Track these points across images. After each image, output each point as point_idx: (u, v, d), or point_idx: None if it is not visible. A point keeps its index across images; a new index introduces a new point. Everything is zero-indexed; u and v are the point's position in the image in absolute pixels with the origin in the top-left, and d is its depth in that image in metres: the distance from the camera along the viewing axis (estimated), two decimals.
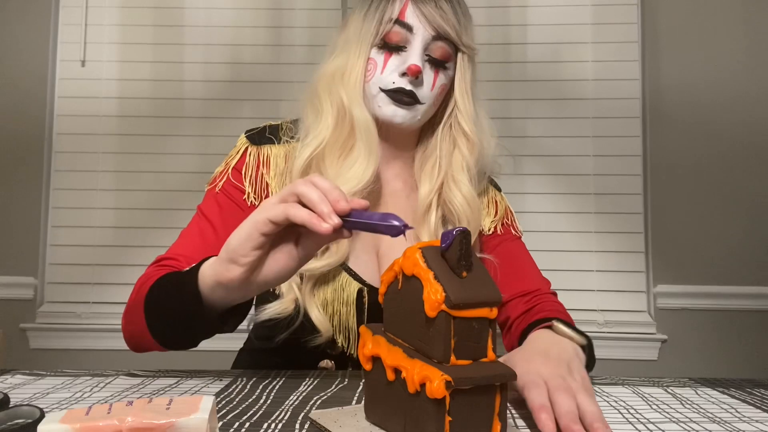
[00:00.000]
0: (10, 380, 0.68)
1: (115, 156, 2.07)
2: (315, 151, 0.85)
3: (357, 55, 0.87)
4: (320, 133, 0.86)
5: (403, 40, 0.85)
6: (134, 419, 0.37)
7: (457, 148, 0.91)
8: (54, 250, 2.07)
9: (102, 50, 2.09)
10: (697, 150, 2.00)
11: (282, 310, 0.81)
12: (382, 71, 0.85)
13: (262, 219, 0.57)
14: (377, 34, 0.85)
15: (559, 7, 2.05)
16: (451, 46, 0.87)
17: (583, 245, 2.00)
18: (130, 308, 0.75)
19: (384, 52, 0.86)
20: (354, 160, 0.85)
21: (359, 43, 0.87)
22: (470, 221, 0.88)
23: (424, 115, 0.88)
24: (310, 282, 0.83)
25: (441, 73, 0.87)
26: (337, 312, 0.83)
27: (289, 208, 0.56)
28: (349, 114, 0.85)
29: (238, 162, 0.89)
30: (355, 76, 0.86)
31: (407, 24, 0.85)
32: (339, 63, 0.88)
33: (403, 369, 0.48)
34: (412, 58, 0.84)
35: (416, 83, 0.85)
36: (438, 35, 0.85)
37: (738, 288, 1.96)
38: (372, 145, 0.85)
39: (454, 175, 0.89)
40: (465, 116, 0.90)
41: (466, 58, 0.89)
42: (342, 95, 0.86)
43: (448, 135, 0.92)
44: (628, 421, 0.56)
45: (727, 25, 2.02)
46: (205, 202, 0.88)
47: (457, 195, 0.88)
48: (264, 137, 0.91)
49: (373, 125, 0.86)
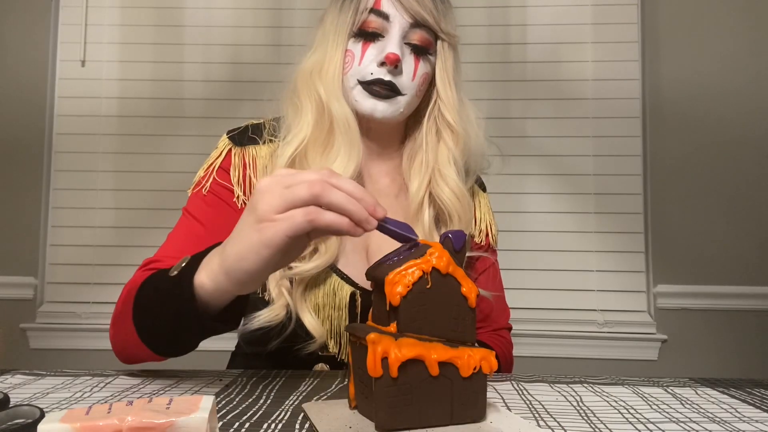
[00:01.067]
0: (10, 380, 0.68)
1: (115, 156, 2.07)
2: (297, 149, 0.82)
3: (334, 48, 0.84)
4: (301, 130, 0.83)
5: (380, 28, 0.82)
6: (134, 419, 0.37)
7: (442, 141, 0.87)
8: (54, 250, 2.07)
9: (102, 50, 2.09)
10: (697, 150, 2.00)
11: (273, 317, 0.79)
12: (360, 62, 0.83)
13: (278, 238, 0.51)
14: (353, 23, 0.83)
15: (559, 7, 2.05)
16: (430, 33, 0.84)
17: (583, 245, 2.00)
18: (118, 317, 0.71)
19: (361, 41, 0.83)
20: (335, 156, 0.82)
21: (336, 35, 0.84)
22: (461, 216, 0.86)
23: (406, 107, 0.85)
24: (300, 286, 0.80)
25: (422, 62, 0.84)
26: (329, 317, 0.81)
27: (316, 219, 0.50)
28: (327, 109, 0.83)
29: (224, 162, 0.86)
30: (333, 69, 0.84)
31: (383, 12, 0.82)
32: (317, 58, 0.86)
33: (455, 359, 0.52)
34: (390, 46, 0.81)
35: (395, 72, 0.82)
36: (416, 22, 0.82)
37: (738, 288, 1.96)
38: (353, 139, 0.83)
39: (441, 169, 0.86)
40: (448, 106, 0.87)
41: (447, 46, 0.86)
42: (320, 90, 0.83)
43: (434, 127, 0.88)
44: (628, 421, 0.56)
45: (727, 24, 2.02)
46: (192, 203, 0.85)
47: (444, 189, 0.85)
48: (247, 137, 0.88)
49: (353, 119, 0.83)
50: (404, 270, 0.52)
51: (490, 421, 0.53)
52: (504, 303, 0.98)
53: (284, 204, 0.51)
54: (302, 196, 0.51)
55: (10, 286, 2.04)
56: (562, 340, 1.97)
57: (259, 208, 0.52)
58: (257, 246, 0.52)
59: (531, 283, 1.99)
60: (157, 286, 0.65)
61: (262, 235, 0.52)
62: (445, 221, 0.87)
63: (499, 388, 0.68)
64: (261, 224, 0.52)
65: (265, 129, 0.89)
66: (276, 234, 0.51)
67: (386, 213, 0.53)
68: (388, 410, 0.50)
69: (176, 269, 0.62)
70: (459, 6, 0.89)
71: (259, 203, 0.52)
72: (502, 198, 1.95)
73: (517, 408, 0.60)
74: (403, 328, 0.52)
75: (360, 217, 0.51)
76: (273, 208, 0.51)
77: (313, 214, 0.50)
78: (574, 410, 0.59)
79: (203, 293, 0.59)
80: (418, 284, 0.52)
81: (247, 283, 0.56)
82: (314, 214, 0.50)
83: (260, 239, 0.52)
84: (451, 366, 0.52)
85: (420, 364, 0.51)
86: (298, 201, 0.51)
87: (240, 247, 0.54)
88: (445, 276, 0.52)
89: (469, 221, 0.89)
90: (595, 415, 0.58)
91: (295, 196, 0.51)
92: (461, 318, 0.53)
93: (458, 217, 0.86)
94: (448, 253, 0.53)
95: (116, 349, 0.74)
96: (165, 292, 0.62)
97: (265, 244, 0.51)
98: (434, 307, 0.52)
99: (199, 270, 0.59)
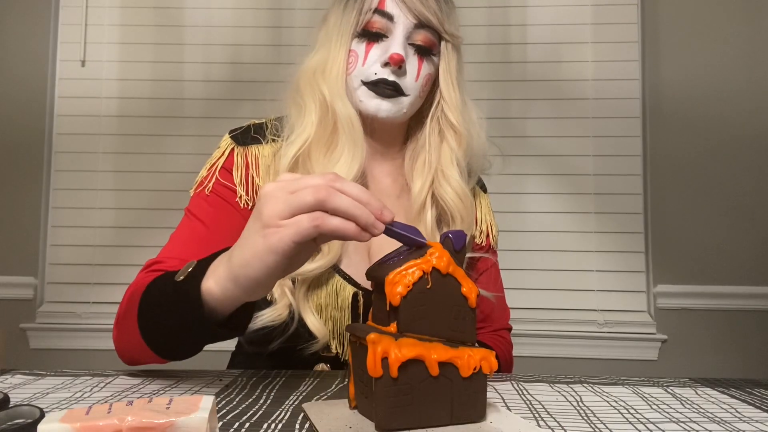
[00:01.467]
0: (10, 380, 0.68)
1: (115, 156, 2.07)
2: (300, 149, 0.82)
3: (338, 48, 0.84)
4: (304, 130, 0.83)
5: (384, 28, 0.82)
6: (134, 418, 0.37)
7: (445, 141, 0.87)
8: (54, 250, 2.07)
9: (102, 50, 2.10)
10: (697, 150, 2.00)
11: (276, 317, 0.79)
12: (363, 62, 0.83)
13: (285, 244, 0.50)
14: (357, 23, 0.83)
15: (559, 7, 2.06)
16: (434, 34, 0.84)
17: (583, 245, 2.00)
18: (121, 319, 0.71)
19: (365, 41, 0.83)
20: (339, 155, 0.82)
21: (339, 35, 0.84)
22: (463, 217, 0.86)
23: (410, 108, 0.85)
24: (303, 286, 0.80)
25: (426, 62, 0.84)
26: (331, 317, 0.81)
27: (322, 224, 0.50)
28: (331, 109, 0.83)
29: (226, 162, 0.86)
30: (337, 69, 0.84)
31: (387, 13, 0.82)
32: (320, 57, 0.86)
33: (455, 359, 0.52)
34: (393, 46, 0.81)
35: (399, 73, 0.82)
36: (420, 23, 0.82)
37: (738, 288, 1.96)
38: (356, 139, 0.82)
39: (444, 170, 0.86)
40: (451, 107, 0.87)
41: (450, 47, 0.86)
42: (324, 90, 0.83)
43: (437, 128, 0.88)
44: (628, 421, 0.56)
45: (728, 24, 2.02)
46: (194, 204, 0.85)
47: (447, 190, 0.85)
48: (250, 137, 0.88)
49: (357, 119, 0.83)
50: (404, 270, 0.52)
51: (490, 421, 0.53)
52: (504, 303, 0.98)
53: (289, 209, 0.50)
54: (308, 201, 0.50)
55: (10, 286, 2.04)
56: (562, 340, 1.97)
57: (265, 214, 0.51)
58: (263, 252, 0.51)
59: (531, 283, 1.99)
60: (163, 290, 0.63)
61: (267, 241, 0.51)
62: (448, 222, 0.87)
63: (499, 388, 0.68)
64: (267, 230, 0.51)
65: (268, 129, 0.89)
66: (282, 240, 0.50)
67: (394, 216, 0.52)
68: (388, 410, 0.50)
69: (182, 274, 0.61)
70: (459, 6, 0.89)
71: (264, 209, 0.52)
72: (503, 198, 1.95)
73: (517, 408, 0.60)
74: (403, 328, 0.52)
75: (367, 221, 0.50)
76: (278, 214, 0.51)
77: (319, 220, 0.50)
78: (574, 410, 0.59)
79: (211, 300, 0.58)
80: (419, 284, 0.52)
81: (254, 289, 0.55)
82: (320, 219, 0.50)
83: (266, 245, 0.51)
84: (451, 366, 0.52)
85: (420, 364, 0.51)
86: (304, 206, 0.50)
87: (246, 254, 0.53)
88: (445, 276, 0.52)
89: (471, 222, 0.89)
90: (595, 415, 0.58)
91: (300, 201, 0.50)
92: (461, 318, 0.53)
93: (461, 218, 0.86)
94: (448, 253, 0.53)
95: (119, 350, 0.74)
96: (171, 296, 0.61)
97: (271, 250, 0.51)
98: (434, 307, 0.52)
99: (206, 276, 0.58)
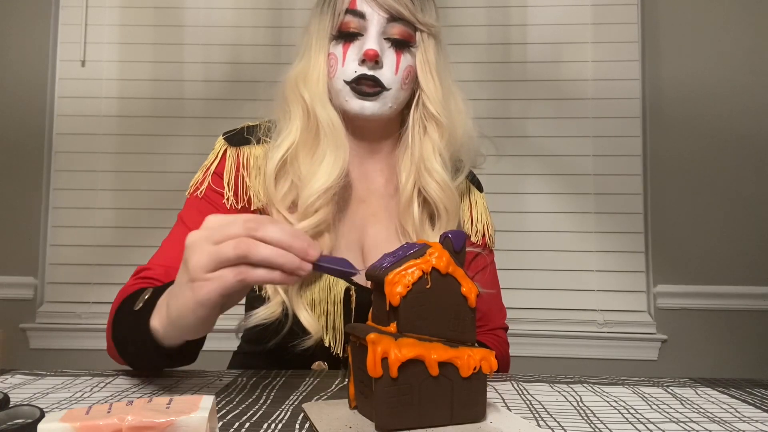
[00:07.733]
0: (10, 380, 0.68)
1: (115, 156, 2.08)
2: (286, 153, 0.84)
3: (317, 53, 0.86)
4: (289, 134, 0.85)
5: (359, 27, 0.84)
6: (134, 418, 0.37)
7: (428, 134, 0.88)
8: (54, 250, 2.07)
9: (102, 50, 2.10)
10: (697, 150, 2.00)
11: (269, 315, 0.80)
12: (342, 63, 0.84)
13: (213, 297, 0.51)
14: (332, 26, 0.85)
15: (559, 7, 2.06)
16: (408, 26, 0.85)
17: (583, 245, 2.00)
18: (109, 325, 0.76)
19: (342, 43, 0.85)
20: (321, 157, 0.83)
21: (318, 40, 0.87)
22: (449, 209, 0.86)
23: (394, 102, 0.86)
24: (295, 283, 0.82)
25: (404, 55, 0.85)
26: (324, 312, 0.82)
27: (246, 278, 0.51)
28: (312, 113, 0.85)
29: (218, 167, 0.88)
30: (317, 74, 0.86)
31: (359, 12, 0.84)
32: (303, 64, 0.88)
33: (455, 359, 0.52)
34: (368, 43, 0.82)
35: (376, 68, 0.83)
36: (392, 17, 0.84)
37: (738, 288, 1.96)
38: (339, 141, 0.84)
39: (426, 163, 0.86)
40: (430, 98, 0.87)
41: (426, 36, 0.87)
42: (305, 96, 0.85)
43: (419, 120, 0.89)
44: (628, 421, 0.56)
45: (728, 24, 2.02)
46: (186, 210, 0.87)
47: (431, 183, 0.86)
48: (242, 138, 0.89)
49: (339, 121, 0.85)
50: (404, 270, 0.52)
51: (490, 421, 0.53)
52: (500, 303, 0.99)
53: (213, 263, 0.51)
54: (229, 256, 0.50)
55: (10, 286, 2.04)
56: (562, 340, 1.97)
57: (190, 267, 0.52)
58: (193, 305, 0.52)
59: (531, 283, 1.99)
60: (127, 313, 0.67)
61: (195, 294, 0.52)
62: (434, 215, 0.88)
63: (499, 388, 0.68)
64: (194, 284, 0.52)
65: (261, 130, 0.90)
66: (209, 294, 0.51)
67: (320, 251, 0.53)
68: (388, 410, 0.50)
69: (141, 301, 0.65)
70: (459, 6, 0.89)
71: (190, 261, 0.52)
72: (503, 198, 1.95)
73: (517, 408, 0.60)
74: (402, 328, 0.52)
75: (291, 267, 0.51)
76: (203, 267, 0.51)
77: (243, 274, 0.50)
78: (574, 410, 0.59)
79: (158, 335, 0.60)
80: (418, 284, 0.52)
81: (193, 333, 0.57)
82: (244, 273, 0.50)
83: (195, 299, 0.52)
84: (451, 366, 0.52)
85: (420, 364, 0.51)
86: (226, 261, 0.50)
87: (179, 305, 0.54)
88: (444, 276, 0.53)
89: (457, 214, 0.89)
90: (595, 415, 0.58)
91: (222, 255, 0.50)
92: (461, 318, 0.53)
93: (446, 210, 0.86)
94: (447, 253, 0.53)
95: (111, 354, 0.78)
96: (132, 323, 0.65)
97: (201, 304, 0.52)
98: (434, 307, 0.52)
99: (153, 313, 0.61)
